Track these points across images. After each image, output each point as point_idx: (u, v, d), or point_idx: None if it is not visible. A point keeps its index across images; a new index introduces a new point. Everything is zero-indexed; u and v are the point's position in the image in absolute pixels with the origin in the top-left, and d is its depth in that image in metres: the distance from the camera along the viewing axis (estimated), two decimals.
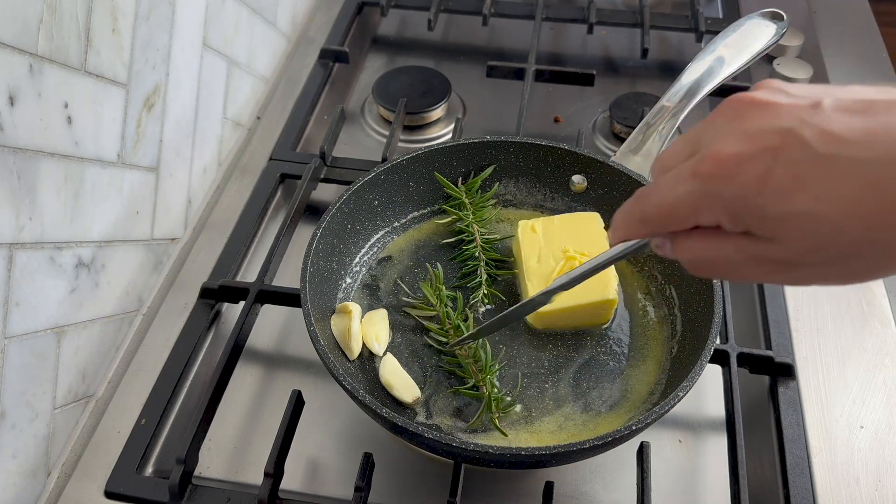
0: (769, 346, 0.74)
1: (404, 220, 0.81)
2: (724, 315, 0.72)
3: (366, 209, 0.78)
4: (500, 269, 0.78)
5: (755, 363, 0.72)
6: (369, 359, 0.71)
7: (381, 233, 0.80)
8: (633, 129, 0.83)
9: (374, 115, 1.02)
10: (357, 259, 0.78)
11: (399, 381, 0.68)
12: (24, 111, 0.59)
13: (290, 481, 0.67)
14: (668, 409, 0.60)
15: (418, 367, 0.71)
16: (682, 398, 0.60)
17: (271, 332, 0.79)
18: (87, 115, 0.67)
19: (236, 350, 0.73)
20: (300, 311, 0.66)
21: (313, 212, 0.90)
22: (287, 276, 0.82)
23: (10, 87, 0.57)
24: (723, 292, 0.69)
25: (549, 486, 0.62)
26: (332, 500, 0.66)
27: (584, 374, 0.70)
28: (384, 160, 0.85)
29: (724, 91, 0.98)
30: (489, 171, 0.81)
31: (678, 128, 0.84)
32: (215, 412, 0.70)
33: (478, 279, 0.76)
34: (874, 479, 0.67)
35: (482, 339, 0.69)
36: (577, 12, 1.13)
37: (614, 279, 0.73)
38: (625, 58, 1.13)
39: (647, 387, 0.69)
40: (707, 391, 0.74)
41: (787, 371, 0.72)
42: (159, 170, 0.81)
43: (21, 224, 0.61)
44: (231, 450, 0.70)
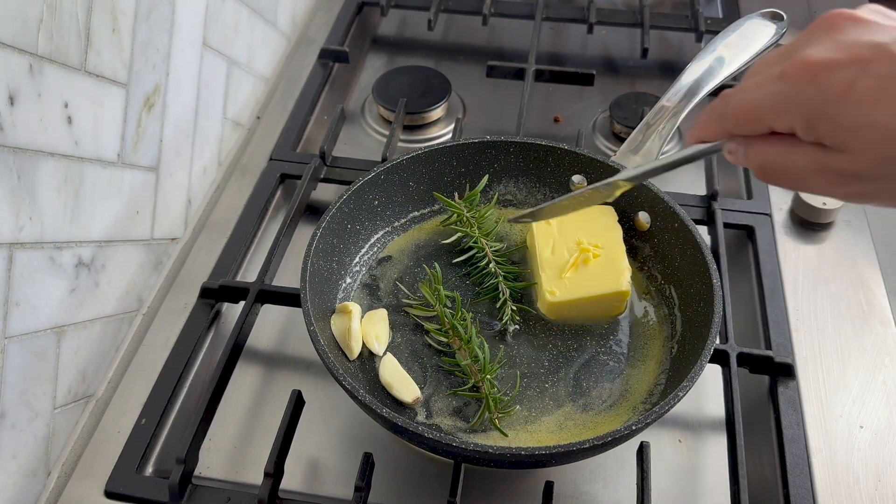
0: (769, 346, 0.74)
1: (404, 220, 0.81)
2: (724, 315, 0.72)
3: (366, 209, 0.78)
4: (519, 280, 0.76)
5: (755, 363, 0.72)
6: (369, 359, 0.71)
7: (381, 233, 0.80)
8: (633, 129, 0.83)
9: (374, 115, 1.02)
10: (357, 259, 0.78)
11: (399, 381, 0.68)
12: (24, 111, 0.59)
13: (290, 481, 0.67)
14: (668, 409, 0.60)
15: (418, 367, 0.71)
16: (682, 398, 0.60)
17: (271, 332, 0.79)
18: (87, 115, 0.67)
19: (236, 350, 0.73)
20: (300, 311, 0.66)
21: (313, 212, 0.90)
22: (287, 276, 0.82)
23: (10, 87, 0.57)
24: (723, 292, 0.69)
25: (549, 486, 0.62)
26: (332, 500, 0.66)
27: (583, 374, 0.70)
28: (384, 160, 0.85)
29: (723, 91, 0.98)
30: (484, 181, 0.80)
31: (678, 128, 0.84)
32: (215, 412, 0.70)
33: (501, 297, 0.74)
34: (874, 479, 0.67)
35: (481, 340, 0.70)
36: (577, 12, 1.13)
37: (627, 271, 0.73)
38: (625, 58, 1.13)
39: (646, 387, 0.69)
40: (707, 391, 0.74)
41: (786, 371, 0.72)
42: (159, 170, 0.81)
43: (21, 224, 0.61)
44: (231, 450, 0.70)
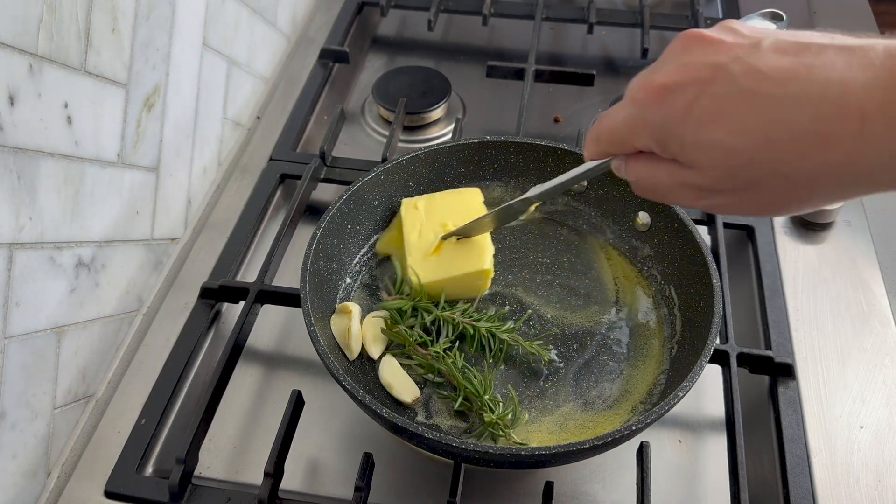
0: (769, 346, 0.74)
1: None
2: (724, 315, 0.72)
3: (366, 209, 0.78)
4: (507, 319, 0.74)
5: (755, 363, 0.72)
6: (369, 359, 0.71)
7: (381, 233, 0.80)
8: None
9: (374, 115, 1.02)
10: (357, 259, 0.78)
11: (399, 382, 0.68)
12: (24, 111, 0.59)
13: (290, 481, 0.67)
14: (668, 409, 0.60)
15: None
16: (682, 398, 0.60)
17: (271, 332, 0.79)
18: (87, 115, 0.67)
19: (236, 350, 0.73)
20: (300, 311, 0.66)
21: (313, 212, 0.90)
22: (287, 276, 0.82)
23: (10, 87, 0.57)
24: (723, 292, 0.69)
25: (549, 486, 0.62)
26: (332, 500, 0.66)
27: (584, 374, 0.70)
28: (384, 160, 0.85)
29: None
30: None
31: None
32: (215, 412, 0.70)
33: (516, 346, 0.71)
34: (874, 479, 0.67)
35: (464, 366, 0.69)
36: (577, 12, 1.13)
37: (489, 249, 0.75)
38: (625, 58, 1.13)
39: (646, 387, 0.69)
40: (707, 391, 0.73)
41: (786, 371, 0.72)
42: (159, 170, 0.81)
43: (21, 224, 0.61)
44: (231, 450, 0.70)
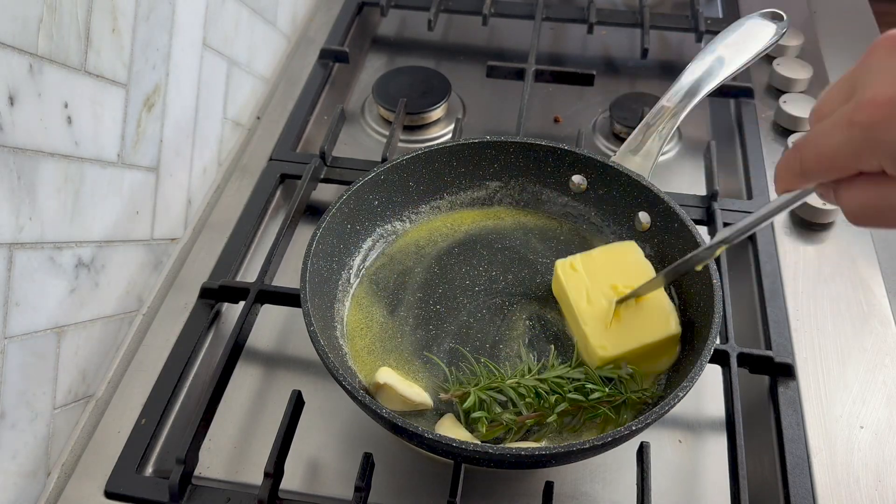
0: (769, 346, 0.74)
1: (404, 220, 0.81)
2: (724, 315, 0.72)
3: (366, 209, 0.78)
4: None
5: (755, 363, 0.72)
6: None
7: (381, 233, 0.80)
8: (633, 129, 0.83)
9: (374, 115, 1.02)
10: (357, 259, 0.78)
11: (403, 388, 0.67)
12: (24, 111, 0.59)
13: (290, 481, 0.67)
14: (668, 409, 0.60)
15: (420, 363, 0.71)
16: (682, 398, 0.60)
17: (271, 332, 0.79)
18: (87, 115, 0.67)
19: (236, 350, 0.73)
20: (300, 311, 0.66)
21: (313, 212, 0.90)
22: (287, 276, 0.82)
23: (10, 87, 0.57)
24: (723, 292, 0.69)
25: (549, 486, 0.62)
26: (332, 500, 0.66)
27: None
28: (384, 160, 0.85)
29: (724, 91, 0.98)
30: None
31: (678, 128, 0.84)
32: (215, 412, 0.70)
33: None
34: (874, 479, 0.67)
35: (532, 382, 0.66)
36: (577, 12, 1.13)
37: (673, 311, 0.69)
38: (625, 58, 1.13)
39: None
40: (707, 391, 0.73)
41: (787, 371, 0.72)
42: (159, 170, 0.81)
43: (21, 224, 0.61)
44: (231, 450, 0.70)
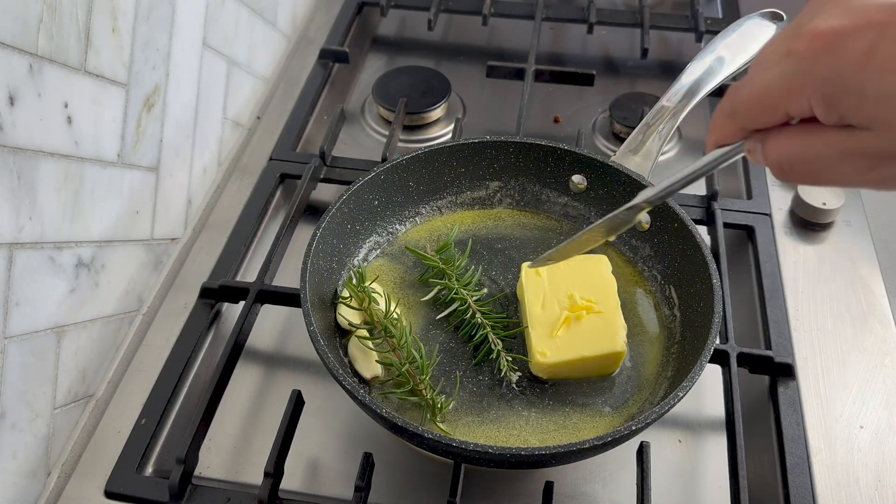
0: (769, 346, 0.74)
1: (404, 220, 0.81)
2: (724, 315, 0.72)
3: (366, 209, 0.78)
4: (509, 328, 0.73)
5: (755, 363, 0.72)
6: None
7: (381, 232, 0.80)
8: (633, 129, 0.83)
9: (373, 115, 1.02)
10: (357, 259, 0.78)
11: (364, 357, 0.69)
12: (24, 111, 0.59)
13: (290, 481, 0.67)
14: (668, 409, 0.60)
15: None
16: (682, 398, 0.60)
17: (271, 332, 0.79)
18: (87, 115, 0.67)
19: (236, 350, 0.73)
20: (300, 311, 0.66)
21: (313, 212, 0.90)
22: (287, 276, 0.82)
23: (10, 87, 0.57)
24: (723, 292, 0.69)
25: (549, 486, 0.62)
26: (332, 500, 0.66)
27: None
28: (384, 160, 0.85)
29: (723, 91, 0.98)
30: (454, 232, 0.79)
31: (678, 128, 0.84)
32: (215, 412, 0.70)
33: (494, 349, 0.70)
34: (874, 479, 0.67)
35: (414, 339, 0.70)
36: (577, 12, 1.13)
37: (622, 329, 0.69)
38: (625, 58, 1.13)
39: (646, 387, 0.69)
40: (707, 391, 0.74)
41: (786, 371, 0.72)
42: (159, 170, 0.81)
43: (21, 224, 0.61)
44: (231, 450, 0.70)
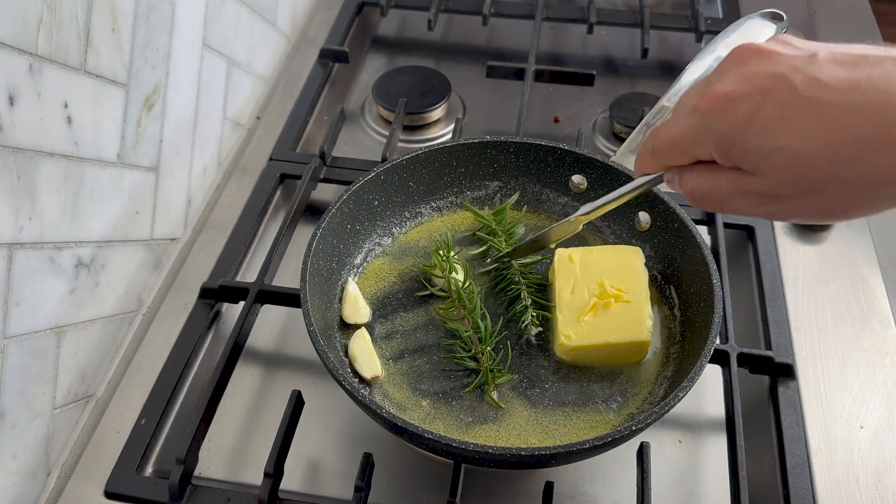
0: (769, 347, 0.74)
1: (404, 220, 0.81)
2: (724, 315, 0.72)
3: (366, 209, 0.78)
4: (541, 293, 0.75)
5: (755, 363, 0.72)
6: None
7: (381, 232, 0.80)
8: (633, 129, 0.83)
9: (374, 115, 1.02)
10: (357, 259, 0.78)
11: (364, 357, 0.70)
12: (24, 111, 0.59)
13: (290, 481, 0.67)
14: (668, 409, 0.60)
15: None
16: (682, 398, 0.60)
17: (271, 332, 0.79)
18: (87, 115, 0.67)
19: (236, 350, 0.73)
20: (300, 311, 0.66)
21: (313, 212, 0.90)
22: (287, 276, 0.82)
23: (10, 87, 0.57)
24: (723, 292, 0.69)
25: (549, 486, 0.62)
26: (332, 500, 0.66)
27: (584, 374, 0.70)
28: (384, 160, 0.85)
29: None
30: (515, 196, 0.81)
31: None
32: (215, 412, 0.70)
33: (522, 303, 0.73)
34: (874, 479, 0.67)
35: (483, 311, 0.72)
36: (577, 12, 1.13)
37: (649, 318, 0.69)
38: (625, 58, 1.13)
39: (646, 387, 0.69)
40: (707, 391, 0.73)
41: (786, 371, 0.72)
42: (159, 170, 0.81)
43: (21, 224, 0.61)
44: (231, 450, 0.70)
